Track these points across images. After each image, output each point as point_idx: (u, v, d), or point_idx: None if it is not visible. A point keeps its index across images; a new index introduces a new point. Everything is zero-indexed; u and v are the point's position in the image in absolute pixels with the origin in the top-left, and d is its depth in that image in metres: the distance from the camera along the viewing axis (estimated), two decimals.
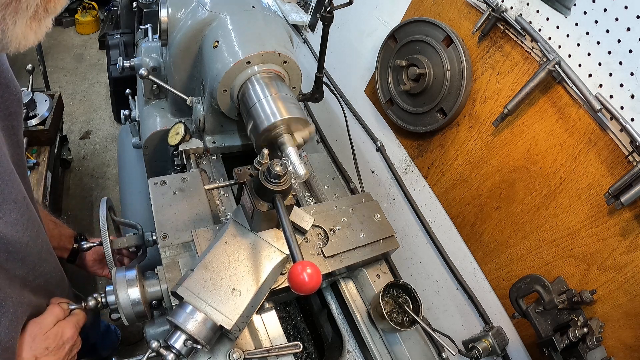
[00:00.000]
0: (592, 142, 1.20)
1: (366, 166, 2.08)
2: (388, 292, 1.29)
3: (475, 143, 1.54)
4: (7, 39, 0.60)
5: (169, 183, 1.36)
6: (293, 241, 0.87)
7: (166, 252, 1.19)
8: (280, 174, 0.95)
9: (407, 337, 1.27)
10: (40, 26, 0.62)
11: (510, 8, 1.38)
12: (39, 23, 0.62)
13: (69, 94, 4.14)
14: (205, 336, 0.96)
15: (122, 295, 1.04)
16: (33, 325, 0.95)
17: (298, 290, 0.76)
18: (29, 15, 0.59)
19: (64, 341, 0.99)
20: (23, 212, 0.89)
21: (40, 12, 0.61)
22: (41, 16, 0.61)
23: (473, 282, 1.56)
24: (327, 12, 1.38)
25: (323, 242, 1.29)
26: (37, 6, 0.59)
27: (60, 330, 0.99)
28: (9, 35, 0.59)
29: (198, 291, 0.98)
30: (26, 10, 0.58)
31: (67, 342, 0.99)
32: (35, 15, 0.60)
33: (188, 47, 1.52)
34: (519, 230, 1.40)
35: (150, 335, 1.14)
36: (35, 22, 0.61)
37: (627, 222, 1.13)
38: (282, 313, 1.59)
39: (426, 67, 1.60)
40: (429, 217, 1.75)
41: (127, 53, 3.28)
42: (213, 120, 1.59)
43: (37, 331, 0.95)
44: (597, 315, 1.20)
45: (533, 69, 1.33)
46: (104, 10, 5.11)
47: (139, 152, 1.94)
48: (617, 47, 1.12)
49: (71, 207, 3.18)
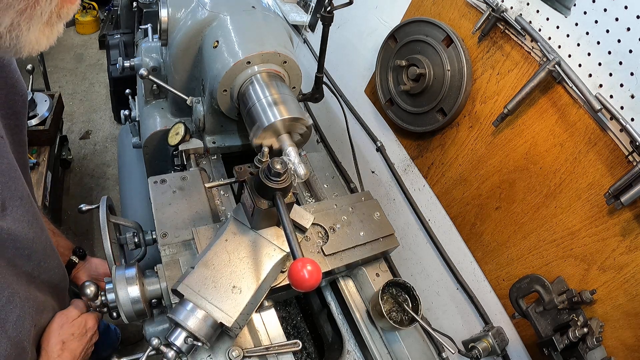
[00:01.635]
0: (592, 142, 1.20)
1: (366, 166, 2.08)
2: (387, 290, 1.29)
3: (475, 143, 1.54)
4: (20, 44, 0.61)
5: (169, 182, 1.36)
6: (293, 238, 0.87)
7: (166, 251, 1.19)
8: (280, 171, 0.95)
9: (407, 336, 1.27)
10: (52, 31, 0.64)
11: (510, 8, 1.38)
12: (52, 28, 0.63)
13: (69, 94, 4.14)
14: (205, 333, 0.96)
15: (121, 294, 1.04)
16: (60, 316, 1.06)
17: (298, 287, 0.76)
18: (43, 21, 0.60)
19: (87, 329, 1.09)
20: (28, 208, 0.90)
21: (54, 18, 0.62)
22: (54, 22, 0.62)
23: (473, 282, 1.56)
24: (327, 12, 1.39)
25: (323, 240, 1.29)
26: (50, 12, 0.60)
27: (84, 320, 1.09)
28: (22, 40, 0.60)
29: (198, 289, 0.98)
30: (40, 16, 0.59)
31: (89, 330, 1.10)
32: (49, 21, 0.61)
33: (188, 47, 1.53)
34: (519, 230, 1.40)
35: (150, 334, 1.14)
36: (48, 27, 0.62)
37: (627, 222, 1.13)
38: (282, 313, 1.59)
39: (426, 67, 1.60)
40: (429, 217, 1.75)
41: (127, 53, 3.28)
42: (213, 120, 1.59)
43: (64, 320, 1.05)
44: (597, 315, 1.20)
45: (533, 69, 1.33)
46: (104, 10, 5.12)
47: (139, 152, 1.94)
48: (617, 47, 1.12)
49: (71, 207, 3.18)
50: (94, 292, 1.05)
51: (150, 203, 1.30)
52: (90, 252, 2.93)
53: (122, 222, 1.33)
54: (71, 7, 0.63)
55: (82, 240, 2.98)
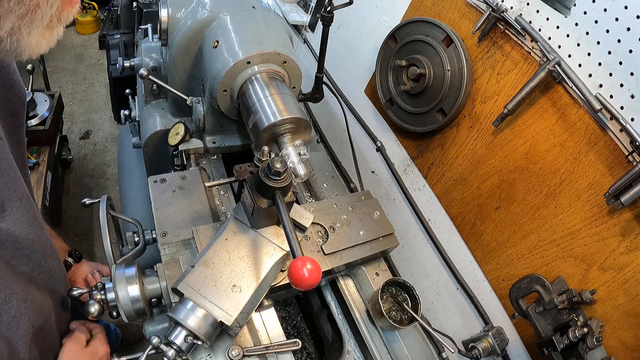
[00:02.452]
0: (592, 142, 1.20)
1: (366, 166, 2.08)
2: (387, 289, 1.29)
3: (475, 143, 1.54)
4: (21, 47, 0.61)
5: (169, 181, 1.36)
6: (293, 237, 0.87)
7: (166, 250, 1.19)
8: (280, 170, 0.95)
9: (406, 335, 1.27)
10: (52, 34, 0.64)
11: (510, 8, 1.38)
12: (52, 32, 0.63)
13: (69, 94, 4.14)
14: (205, 332, 0.96)
15: (121, 293, 1.04)
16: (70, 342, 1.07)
17: (298, 286, 0.76)
18: (44, 25, 0.60)
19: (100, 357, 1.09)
20: (28, 209, 0.91)
21: (54, 22, 0.62)
22: (54, 25, 0.62)
23: (473, 282, 1.56)
24: (327, 12, 1.39)
25: (323, 239, 1.29)
26: (51, 16, 0.60)
27: (95, 349, 1.10)
28: (23, 44, 0.60)
29: (198, 287, 0.98)
30: (41, 20, 0.59)
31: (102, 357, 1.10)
32: (49, 24, 0.61)
33: (188, 47, 1.53)
34: (519, 230, 1.40)
35: (150, 333, 1.14)
36: (49, 31, 0.62)
37: (627, 222, 1.13)
38: (282, 313, 1.59)
39: (426, 67, 1.60)
40: (429, 217, 1.75)
41: (127, 53, 3.28)
42: (213, 120, 1.59)
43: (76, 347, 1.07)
44: (597, 315, 1.20)
45: (533, 69, 1.33)
46: (104, 10, 5.12)
47: (139, 152, 1.94)
48: (617, 47, 1.12)
49: (71, 207, 3.18)
50: (98, 311, 1.05)
51: (150, 203, 1.30)
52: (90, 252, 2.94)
53: (122, 217, 1.33)
54: (71, 10, 0.63)
55: (82, 241, 2.98)
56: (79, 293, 1.08)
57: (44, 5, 0.57)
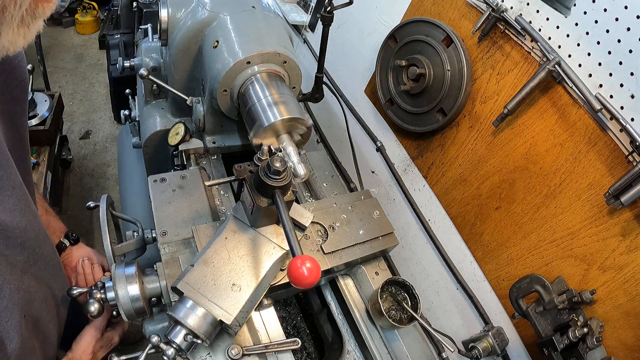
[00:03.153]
0: (592, 142, 1.20)
1: (366, 166, 2.08)
2: (386, 289, 1.29)
3: (475, 143, 1.54)
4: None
5: (169, 180, 1.36)
6: (292, 236, 0.87)
7: (165, 249, 1.19)
8: (280, 169, 0.95)
9: (406, 335, 1.27)
10: (29, 30, 0.62)
11: (510, 8, 1.39)
12: (28, 28, 0.61)
13: (69, 94, 4.14)
14: (205, 331, 0.96)
15: (121, 292, 1.04)
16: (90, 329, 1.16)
17: (297, 285, 0.76)
18: (15, 24, 0.58)
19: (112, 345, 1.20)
20: (20, 197, 0.90)
21: (28, 19, 0.60)
22: (29, 22, 0.60)
23: (473, 282, 1.56)
24: (327, 12, 1.39)
25: (322, 238, 1.29)
26: (22, 15, 0.58)
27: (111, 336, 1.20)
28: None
29: (198, 286, 0.98)
30: (11, 20, 0.57)
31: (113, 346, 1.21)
32: (22, 22, 0.59)
33: (188, 47, 1.53)
34: (519, 230, 1.40)
35: (149, 332, 1.14)
36: (24, 27, 0.60)
37: (627, 222, 1.13)
38: (282, 313, 1.59)
39: (426, 67, 1.60)
40: (429, 217, 1.75)
41: (127, 53, 3.28)
42: (213, 120, 1.59)
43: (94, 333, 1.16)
44: (597, 315, 1.19)
45: (533, 69, 1.33)
46: (104, 10, 5.13)
47: (139, 152, 1.94)
48: (617, 47, 1.12)
49: (71, 207, 3.18)
50: (98, 310, 1.04)
51: (150, 202, 1.30)
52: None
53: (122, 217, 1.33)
54: (48, 5, 0.61)
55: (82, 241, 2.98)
56: (79, 292, 1.08)
57: (11, 6, 0.56)
